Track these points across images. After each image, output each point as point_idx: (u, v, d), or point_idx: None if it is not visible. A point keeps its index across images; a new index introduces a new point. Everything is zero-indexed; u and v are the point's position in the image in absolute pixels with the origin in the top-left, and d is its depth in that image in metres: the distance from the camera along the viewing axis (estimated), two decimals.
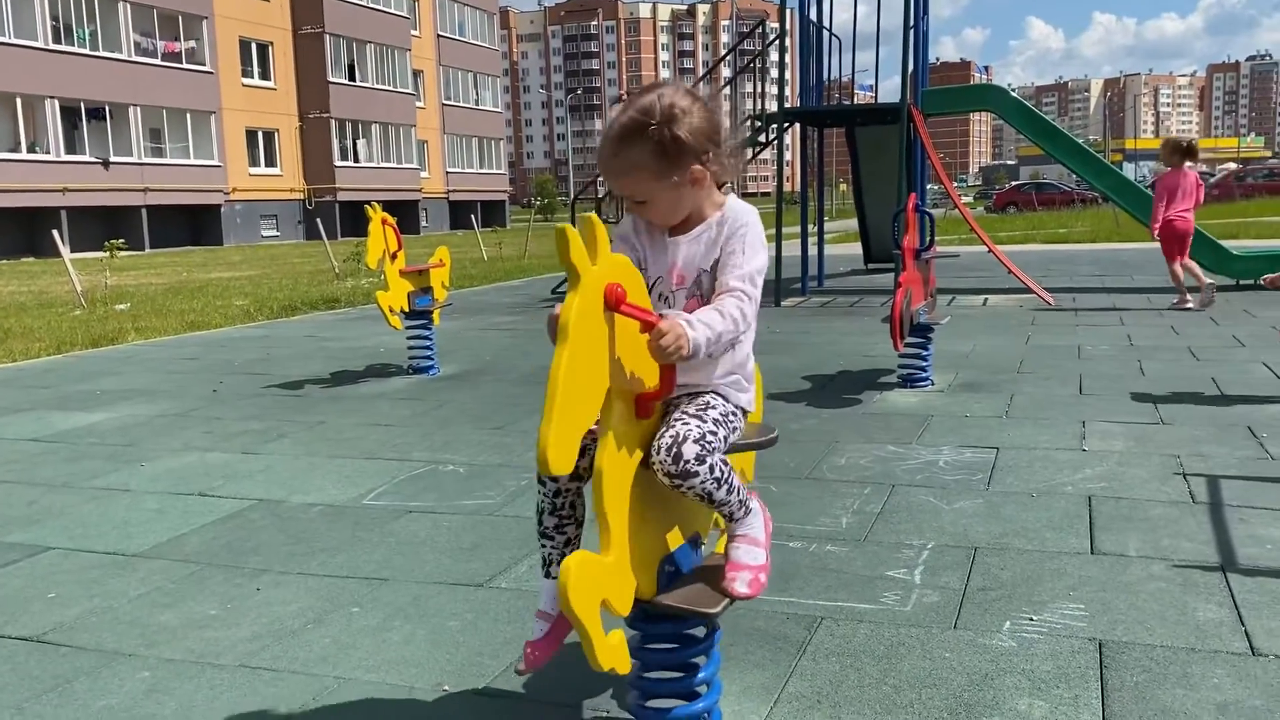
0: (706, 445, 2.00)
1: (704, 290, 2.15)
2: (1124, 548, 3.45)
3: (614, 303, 1.82)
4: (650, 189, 2.10)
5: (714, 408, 2.12)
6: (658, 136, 2.04)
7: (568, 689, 2.59)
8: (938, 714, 2.41)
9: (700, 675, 2.15)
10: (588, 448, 2.01)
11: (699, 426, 2.02)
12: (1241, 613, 2.90)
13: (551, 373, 1.71)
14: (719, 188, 2.19)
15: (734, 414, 2.17)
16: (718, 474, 2.01)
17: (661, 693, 2.15)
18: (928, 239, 6.83)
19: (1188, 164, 9.81)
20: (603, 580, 1.85)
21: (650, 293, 2.12)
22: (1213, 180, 42.12)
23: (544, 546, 2.23)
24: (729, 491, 2.06)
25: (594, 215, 1.81)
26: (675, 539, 2.12)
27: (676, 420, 2.03)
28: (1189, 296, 9.86)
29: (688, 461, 1.95)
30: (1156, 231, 9.90)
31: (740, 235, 2.12)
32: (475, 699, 2.59)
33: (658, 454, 1.96)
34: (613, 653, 1.88)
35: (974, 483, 4.27)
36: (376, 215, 7.21)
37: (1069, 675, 2.57)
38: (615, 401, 1.89)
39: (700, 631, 2.16)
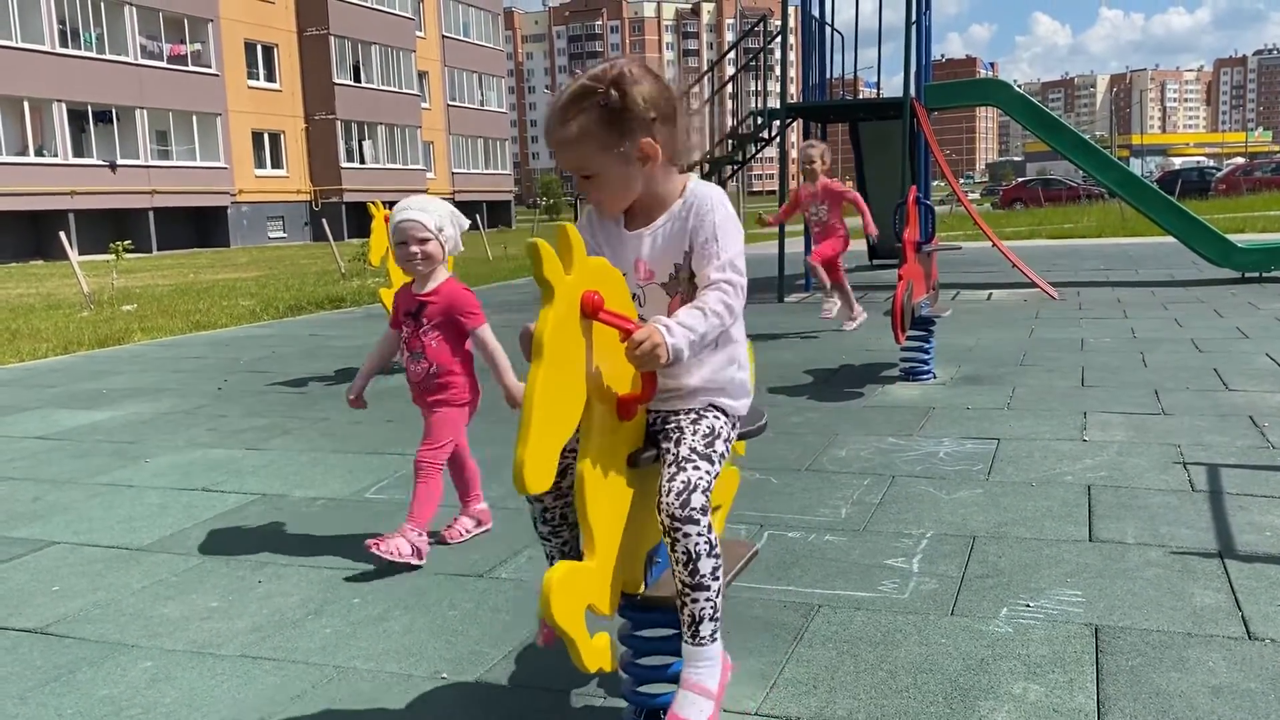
0: (708, 494, 1.95)
1: (683, 284, 2.07)
2: (1122, 535, 3.45)
3: (591, 311, 1.78)
4: (598, 161, 2.00)
5: (719, 436, 2.04)
6: (604, 101, 1.96)
7: (564, 676, 2.61)
8: (933, 698, 2.42)
9: None
10: (569, 468, 1.96)
11: (709, 472, 1.96)
12: (1239, 598, 2.90)
13: (526, 391, 1.67)
14: (679, 170, 2.09)
15: (732, 435, 2.12)
16: (713, 535, 1.94)
17: (654, 679, 2.17)
18: (928, 231, 6.83)
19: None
20: (586, 587, 1.85)
21: None
22: (1219, 175, 42.02)
23: (544, 545, 2.23)
24: (714, 573, 1.94)
25: (569, 224, 1.75)
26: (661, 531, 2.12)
27: (686, 462, 1.95)
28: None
29: (694, 509, 1.90)
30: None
31: (709, 221, 2.01)
32: (474, 687, 2.61)
33: (666, 495, 1.91)
34: (598, 655, 1.89)
35: (974, 473, 4.28)
36: (379, 213, 7.23)
37: (1064, 660, 2.58)
38: (596, 405, 1.85)
39: None
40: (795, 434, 5.06)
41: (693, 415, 2.06)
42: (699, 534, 1.90)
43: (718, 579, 1.96)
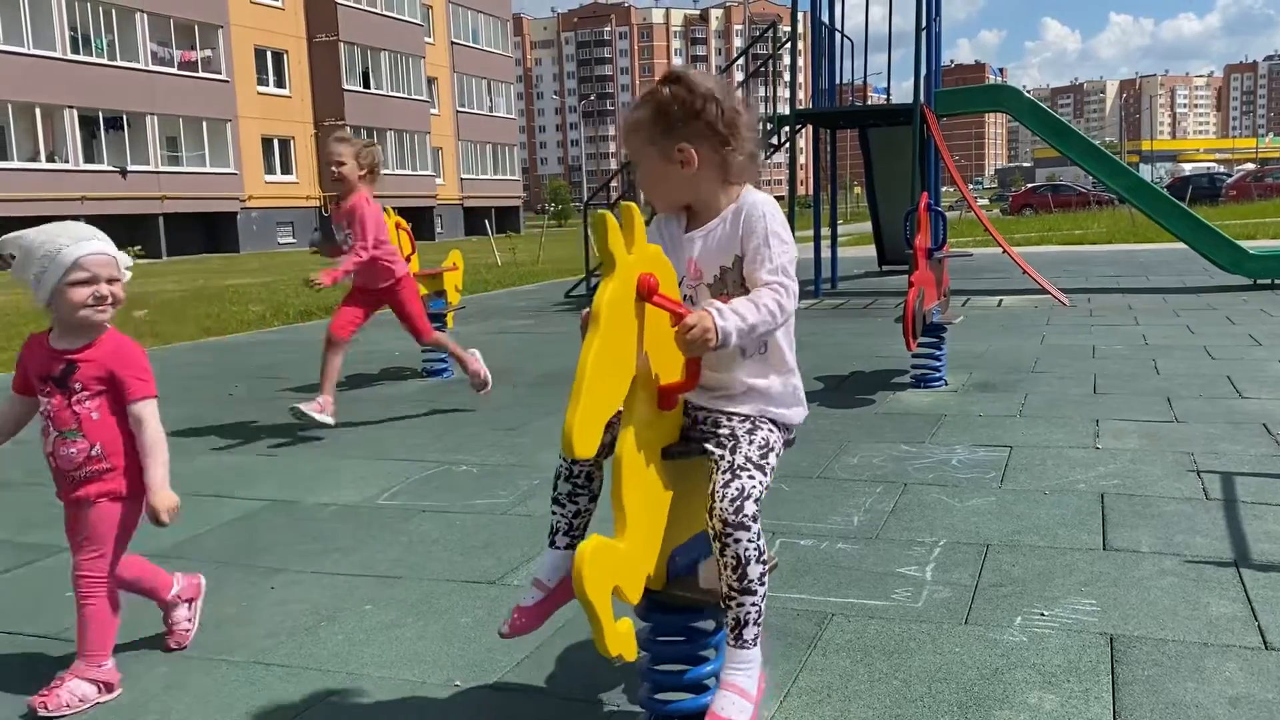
0: (760, 503, 1.99)
1: (729, 287, 2.12)
2: (1137, 544, 3.44)
3: (646, 293, 1.84)
4: (643, 152, 2.13)
5: (772, 450, 2.08)
6: (658, 98, 2.09)
7: (578, 683, 2.61)
8: (947, 707, 2.41)
9: (709, 667, 2.16)
10: (610, 425, 2.01)
11: (761, 483, 2.01)
12: (1255, 608, 2.89)
13: (581, 357, 1.72)
14: (734, 184, 2.15)
15: (782, 450, 2.15)
16: (762, 542, 1.98)
17: (671, 685, 2.16)
18: (940, 238, 6.82)
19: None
20: (616, 567, 1.86)
21: None
22: (1230, 181, 41.93)
23: (553, 514, 2.25)
24: (761, 579, 1.99)
25: (633, 204, 1.82)
26: (689, 530, 2.13)
27: (742, 470, 1.99)
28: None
29: (746, 515, 1.94)
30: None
31: (759, 228, 2.07)
32: (487, 693, 2.60)
33: (720, 500, 1.94)
34: (621, 639, 1.89)
35: (987, 481, 4.27)
36: (390, 220, 7.24)
37: (1080, 669, 2.56)
38: (639, 391, 1.90)
39: (710, 624, 2.17)
40: (806, 441, 5.05)
41: (748, 425, 2.09)
42: (749, 540, 1.95)
43: (764, 584, 2.01)
